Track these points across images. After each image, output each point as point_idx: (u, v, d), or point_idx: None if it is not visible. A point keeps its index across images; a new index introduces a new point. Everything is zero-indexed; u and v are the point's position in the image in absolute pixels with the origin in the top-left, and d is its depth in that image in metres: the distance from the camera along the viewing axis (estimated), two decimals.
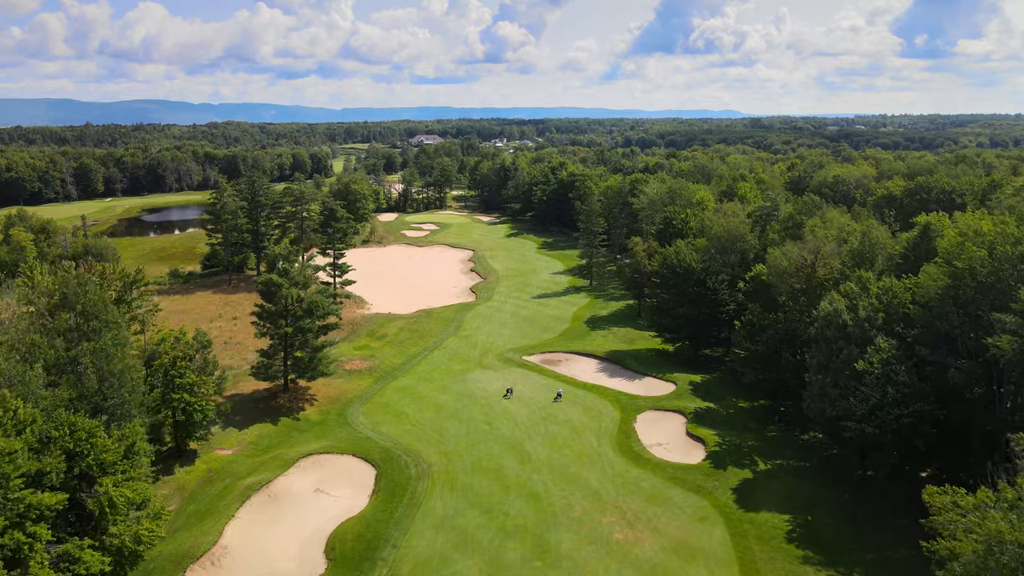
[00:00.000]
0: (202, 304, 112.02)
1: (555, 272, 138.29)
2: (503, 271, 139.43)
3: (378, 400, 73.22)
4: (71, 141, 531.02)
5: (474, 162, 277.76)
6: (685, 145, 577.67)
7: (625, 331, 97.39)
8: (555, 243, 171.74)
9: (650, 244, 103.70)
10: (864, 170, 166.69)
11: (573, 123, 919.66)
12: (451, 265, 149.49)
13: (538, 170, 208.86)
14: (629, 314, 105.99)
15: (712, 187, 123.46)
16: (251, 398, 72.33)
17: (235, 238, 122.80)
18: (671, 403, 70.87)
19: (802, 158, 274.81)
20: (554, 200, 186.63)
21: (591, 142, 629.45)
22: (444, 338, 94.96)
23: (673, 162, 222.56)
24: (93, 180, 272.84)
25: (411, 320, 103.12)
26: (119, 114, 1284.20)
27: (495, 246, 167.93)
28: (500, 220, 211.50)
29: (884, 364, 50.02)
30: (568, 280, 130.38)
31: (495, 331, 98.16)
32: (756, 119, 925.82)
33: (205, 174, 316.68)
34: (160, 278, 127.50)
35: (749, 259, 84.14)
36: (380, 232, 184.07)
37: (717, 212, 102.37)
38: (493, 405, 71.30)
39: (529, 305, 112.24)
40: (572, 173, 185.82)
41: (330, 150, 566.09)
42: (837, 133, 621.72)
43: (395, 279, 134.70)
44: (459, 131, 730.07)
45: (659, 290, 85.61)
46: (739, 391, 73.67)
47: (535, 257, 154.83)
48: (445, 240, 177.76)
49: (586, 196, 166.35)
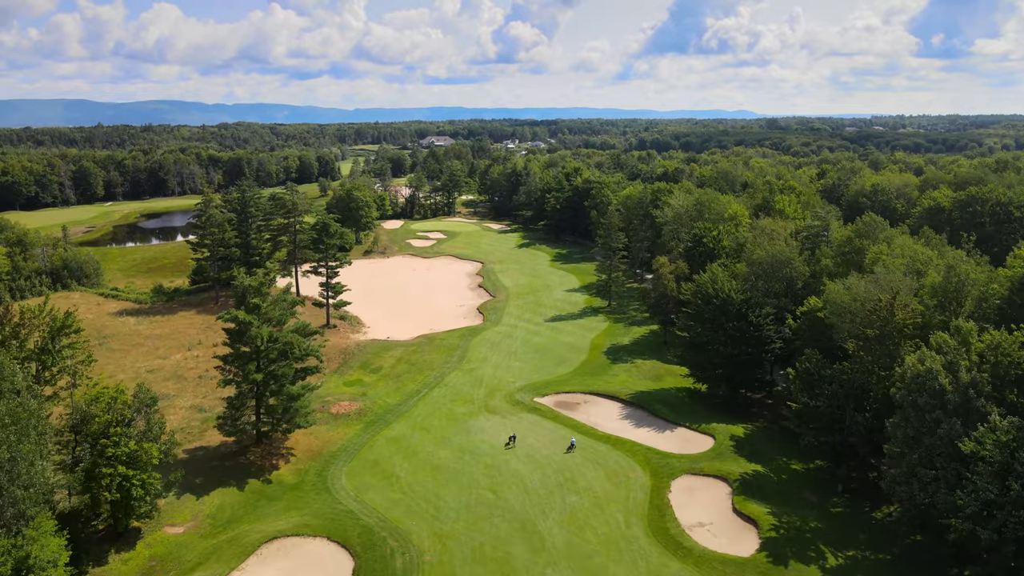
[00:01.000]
0: (183, 326, 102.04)
1: (570, 289, 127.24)
2: (514, 288, 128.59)
3: (366, 455, 62.62)
4: (80, 142, 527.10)
5: (484, 166, 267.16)
6: (701, 147, 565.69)
7: (651, 364, 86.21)
8: (569, 255, 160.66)
9: (678, 266, 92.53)
10: (905, 178, 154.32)
11: (586, 124, 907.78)
12: (458, 280, 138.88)
13: (551, 175, 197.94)
14: (654, 343, 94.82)
15: (744, 199, 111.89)
16: (217, 453, 61.96)
17: (222, 253, 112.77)
18: (711, 465, 59.66)
19: (828, 162, 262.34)
20: (568, 208, 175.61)
21: (604, 143, 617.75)
22: (446, 371, 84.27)
23: (694, 167, 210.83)
24: (93, 184, 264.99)
25: (410, 348, 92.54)
26: (134, 115, 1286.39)
27: (505, 258, 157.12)
28: (511, 228, 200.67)
29: (1002, 449, 38.76)
30: (584, 299, 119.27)
31: (503, 363, 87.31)
32: (772, 120, 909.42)
33: (209, 177, 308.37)
34: (142, 295, 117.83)
35: (796, 288, 72.84)
36: (384, 242, 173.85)
37: (753, 229, 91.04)
38: (500, 465, 60.47)
39: (542, 330, 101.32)
40: (587, 180, 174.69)
41: (339, 152, 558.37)
42: (857, 135, 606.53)
43: (396, 296, 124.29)
44: (470, 132, 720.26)
45: (691, 322, 74.40)
46: (790, 448, 62.38)
47: (548, 271, 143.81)
48: (452, 251, 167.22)
49: (602, 205, 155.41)
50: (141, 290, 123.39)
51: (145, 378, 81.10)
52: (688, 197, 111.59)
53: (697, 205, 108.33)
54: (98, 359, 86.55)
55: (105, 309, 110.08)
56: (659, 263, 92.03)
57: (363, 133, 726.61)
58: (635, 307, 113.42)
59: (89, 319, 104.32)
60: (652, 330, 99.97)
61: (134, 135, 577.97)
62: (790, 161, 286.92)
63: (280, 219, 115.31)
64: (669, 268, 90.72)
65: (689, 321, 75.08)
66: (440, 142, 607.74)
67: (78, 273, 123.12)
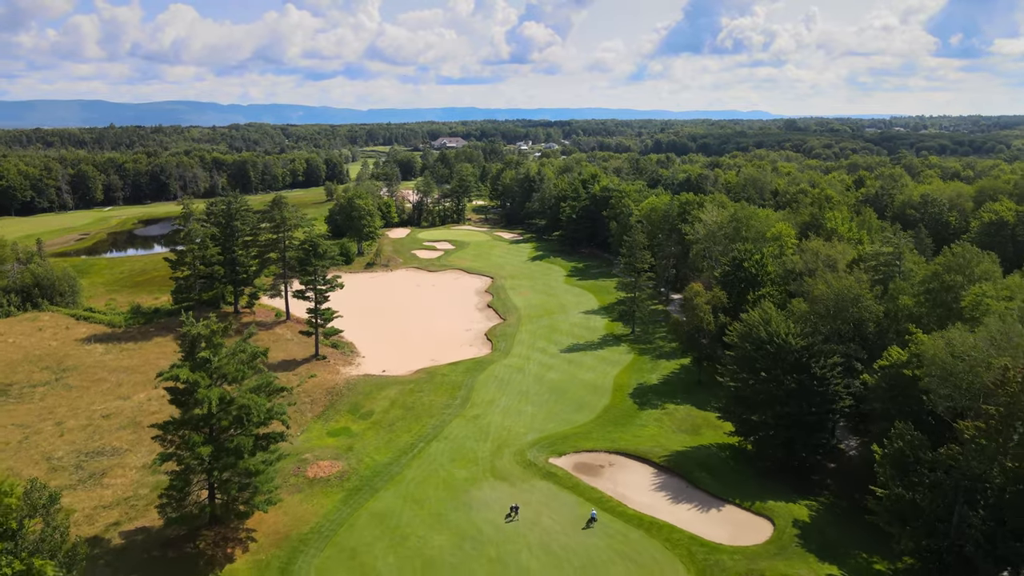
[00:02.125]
0: (155, 356, 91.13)
1: (588, 311, 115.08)
2: (525, 308, 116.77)
3: (343, 541, 50.99)
4: (89, 144, 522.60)
5: (496, 170, 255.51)
6: (719, 149, 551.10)
7: (685, 411, 74.02)
8: (586, 270, 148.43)
9: (715, 294, 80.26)
10: (957, 187, 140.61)
11: (600, 124, 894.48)
12: (465, 298, 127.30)
13: (566, 182, 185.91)
14: (686, 381, 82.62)
15: (788, 215, 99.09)
16: (160, 538, 50.60)
17: (204, 271, 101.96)
18: (774, 567, 47.36)
19: (861, 167, 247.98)
20: (585, 218, 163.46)
21: (619, 145, 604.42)
22: (447, 418, 72.61)
23: (718, 173, 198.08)
24: (92, 188, 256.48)
25: (408, 387, 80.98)
26: (150, 115, 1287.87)
27: (517, 272, 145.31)
28: (523, 238, 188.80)
29: None
30: (604, 324, 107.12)
31: (513, 407, 75.49)
32: (790, 120, 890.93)
33: (213, 181, 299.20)
34: (117, 316, 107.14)
35: (867, 332, 60.43)
36: (387, 253, 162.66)
37: (802, 253, 78.59)
38: (506, 559, 48.58)
39: (557, 363, 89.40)
40: (606, 187, 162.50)
41: (350, 153, 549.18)
42: (879, 136, 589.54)
43: (397, 318, 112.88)
44: (483, 133, 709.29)
45: (737, 369, 62.21)
46: (870, 538, 50.05)
47: (563, 289, 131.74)
48: (460, 263, 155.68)
49: (623, 216, 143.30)
50: (119, 309, 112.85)
51: (98, 425, 70.25)
52: (722, 212, 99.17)
53: (733, 221, 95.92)
54: (49, 399, 76.32)
55: (73, 334, 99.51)
56: (693, 291, 79.77)
57: (375, 134, 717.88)
58: (661, 335, 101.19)
59: (52, 347, 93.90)
60: (683, 365, 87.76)
61: (144, 136, 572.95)
62: (817, 165, 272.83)
63: (268, 234, 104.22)
64: (705, 297, 78.47)
65: (734, 367, 62.85)
66: (452, 143, 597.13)
67: (51, 291, 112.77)
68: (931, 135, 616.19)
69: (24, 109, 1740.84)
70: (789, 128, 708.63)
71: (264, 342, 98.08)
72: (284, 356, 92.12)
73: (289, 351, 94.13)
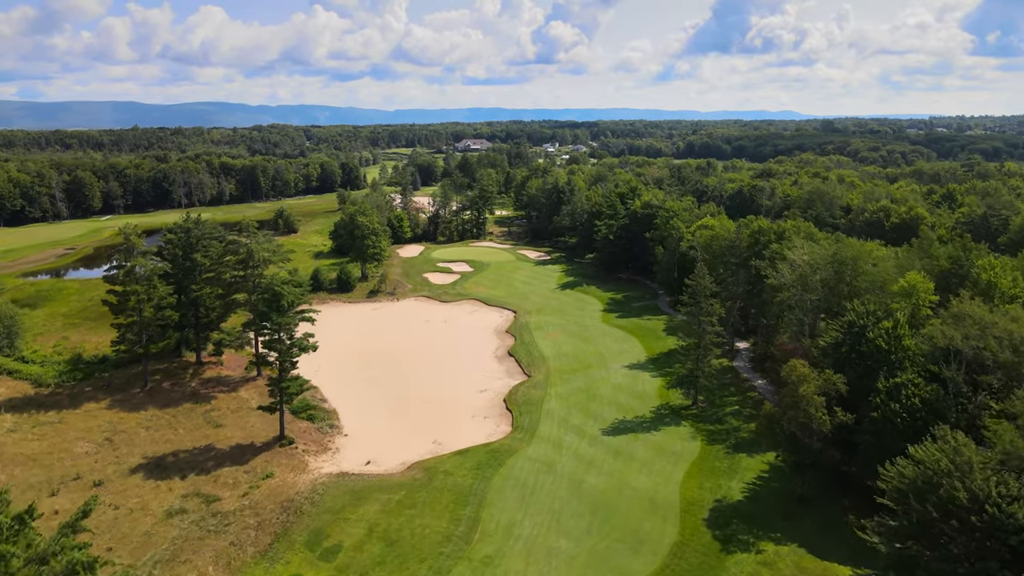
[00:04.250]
0: (74, 435, 70.15)
1: (634, 365, 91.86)
2: (555, 359, 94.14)
3: None
4: (108, 146, 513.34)
5: (521, 177, 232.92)
6: (755, 152, 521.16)
7: (793, 560, 50.36)
8: (626, 302, 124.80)
9: (826, 377, 56.54)
10: None
11: (628, 126, 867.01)
12: (481, 340, 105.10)
13: (600, 194, 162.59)
14: (782, 494, 59.05)
15: (907, 254, 74.34)
16: None
17: (152, 317, 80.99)
18: None
19: (928, 175, 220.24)
20: (623, 238, 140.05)
21: (650, 147, 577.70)
22: (445, 562, 50.19)
23: (773, 184, 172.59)
24: (88, 196, 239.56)
25: (396, 496, 58.75)
26: (180, 117, 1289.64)
27: (544, 304, 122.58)
28: (551, 258, 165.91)
29: None
30: (657, 388, 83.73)
31: (541, 541, 52.77)
32: (827, 120, 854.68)
33: (220, 188, 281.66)
34: (47, 371, 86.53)
35: None
36: (395, 278, 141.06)
37: (958, 324, 54.55)
38: None
39: (600, 455, 66.45)
40: (648, 203, 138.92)
41: (371, 156, 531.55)
42: (925, 137, 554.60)
43: (397, 368, 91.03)
44: (508, 135, 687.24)
45: (904, 522, 38.84)
46: None
47: (601, 329, 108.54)
48: (478, 291, 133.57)
49: (670, 239, 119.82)
50: (61, 356, 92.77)
51: None
52: (817, 249, 75.06)
53: (834, 262, 71.83)
54: None
55: None
56: (795, 374, 56.03)
57: (397, 136, 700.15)
58: (733, 407, 77.58)
59: None
60: (771, 462, 64.22)
61: (163, 138, 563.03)
62: (876, 172, 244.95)
63: (232, 271, 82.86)
64: (814, 385, 54.78)
65: (894, 524, 39.37)
66: (476, 145, 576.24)
67: None
68: (980, 136, 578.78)
69: (58, 110, 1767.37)
70: (826, 129, 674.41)
71: (221, 412, 76.85)
72: (241, 437, 70.58)
73: (249, 428, 72.57)
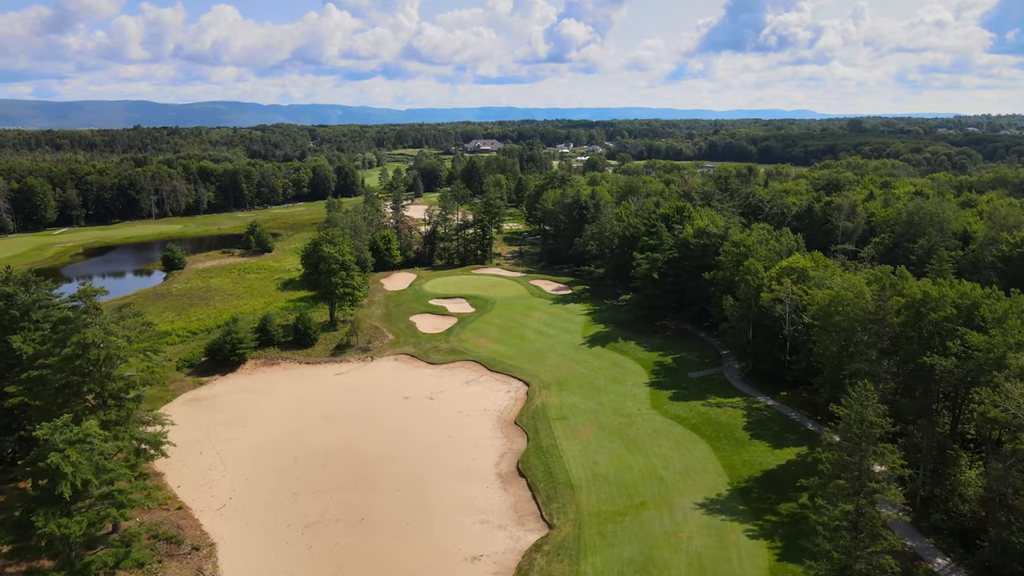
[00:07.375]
0: None
1: (713, 503, 58.88)
2: (589, 490, 61.55)
3: None
4: (100, 147, 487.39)
5: (535, 186, 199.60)
6: (784, 153, 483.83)
7: None
8: (680, 371, 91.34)
9: None
10: None
11: (645, 125, 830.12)
12: (479, 436, 72.75)
13: (632, 212, 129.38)
14: None
15: None
16: None
17: None
18: None
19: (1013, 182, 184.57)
20: (670, 274, 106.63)
21: (670, 148, 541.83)
22: None
23: (853, 199, 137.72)
24: (41, 206, 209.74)
25: None
26: (193, 116, 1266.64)
27: (568, 374, 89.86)
28: (573, 291, 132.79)
29: None
30: (767, 563, 50.73)
31: None
32: (854, 120, 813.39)
33: (197, 195, 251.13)
34: None
35: None
36: (370, 325, 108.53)
37: None
38: None
39: None
40: (703, 231, 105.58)
41: (375, 157, 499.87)
42: (964, 137, 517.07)
43: (350, 507, 58.71)
44: (520, 135, 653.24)
45: None
46: None
47: (653, 424, 75.39)
48: (479, 345, 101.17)
49: (745, 286, 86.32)
50: None
51: None
52: None
53: None
54: None
55: None
56: None
57: (404, 136, 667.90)
58: None
59: None
60: None
61: (159, 139, 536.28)
62: (947, 180, 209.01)
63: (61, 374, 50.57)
64: None
65: None
66: (486, 146, 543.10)
67: None
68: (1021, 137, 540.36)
69: (70, 109, 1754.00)
70: (854, 129, 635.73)
71: None
72: None
73: None
